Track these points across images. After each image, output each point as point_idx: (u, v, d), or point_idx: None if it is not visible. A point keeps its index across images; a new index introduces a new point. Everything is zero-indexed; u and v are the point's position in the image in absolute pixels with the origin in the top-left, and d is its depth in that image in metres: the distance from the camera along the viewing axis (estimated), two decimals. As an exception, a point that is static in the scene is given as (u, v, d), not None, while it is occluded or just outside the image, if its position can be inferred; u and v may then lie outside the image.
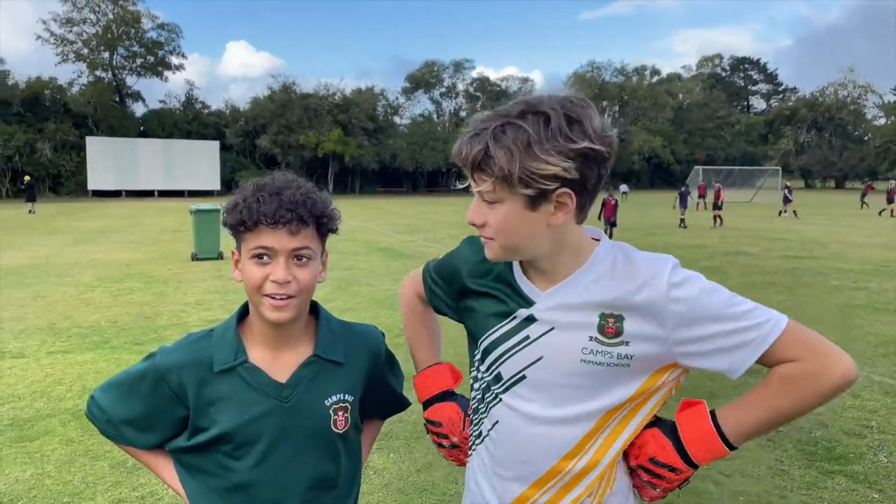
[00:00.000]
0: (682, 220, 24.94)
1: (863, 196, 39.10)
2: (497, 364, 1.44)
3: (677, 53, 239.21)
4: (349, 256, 14.93)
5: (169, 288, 10.96)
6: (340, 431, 1.51)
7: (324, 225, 1.45)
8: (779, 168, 54.65)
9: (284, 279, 1.39)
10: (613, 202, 19.35)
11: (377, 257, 15.05)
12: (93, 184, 51.03)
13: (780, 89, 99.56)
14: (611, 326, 1.33)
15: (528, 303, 1.40)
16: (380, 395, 1.67)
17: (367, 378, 1.59)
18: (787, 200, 29.98)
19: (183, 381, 1.45)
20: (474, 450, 1.56)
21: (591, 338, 1.34)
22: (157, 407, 1.48)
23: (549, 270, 1.39)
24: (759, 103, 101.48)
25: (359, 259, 14.48)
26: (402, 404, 1.77)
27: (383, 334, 1.70)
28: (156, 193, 52.34)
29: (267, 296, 1.40)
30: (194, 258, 14.29)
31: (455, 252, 1.60)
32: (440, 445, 1.68)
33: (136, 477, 4.06)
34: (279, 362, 1.48)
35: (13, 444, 4.59)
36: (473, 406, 1.57)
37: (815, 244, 18.18)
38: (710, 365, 1.33)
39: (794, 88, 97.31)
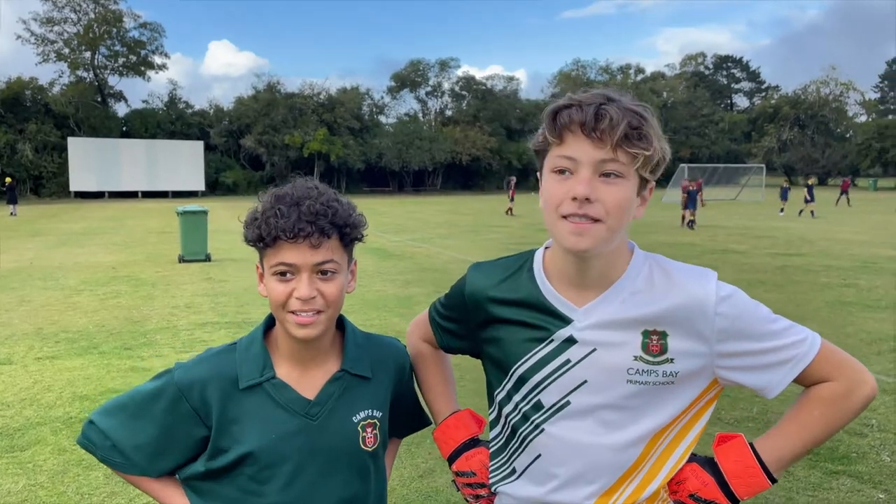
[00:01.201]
0: (692, 221, 23.17)
1: (842, 193, 39.25)
2: (536, 392, 1.36)
3: (660, 52, 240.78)
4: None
5: (157, 291, 10.81)
6: (370, 449, 1.44)
7: (347, 235, 1.37)
8: (762, 166, 55.04)
9: (309, 295, 1.31)
10: None
11: (366, 258, 14.95)
12: (75, 185, 50.39)
13: (763, 87, 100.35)
14: (655, 344, 1.29)
15: (565, 321, 1.33)
16: (405, 411, 1.61)
17: (395, 393, 1.53)
18: (808, 200, 28.59)
19: (206, 397, 1.37)
20: (502, 490, 1.46)
21: (635, 357, 1.29)
22: (174, 428, 1.39)
23: (594, 276, 1.32)
24: (742, 101, 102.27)
25: (348, 260, 14.36)
26: (424, 421, 1.69)
27: (406, 346, 1.63)
28: (139, 194, 51.76)
29: (292, 312, 1.33)
30: (181, 260, 14.13)
31: (465, 283, 1.49)
32: (477, 497, 1.53)
33: (132, 488, 3.93)
34: (306, 378, 1.41)
35: (4, 455, 4.48)
36: (499, 443, 1.47)
37: (803, 241, 18.31)
38: (749, 381, 1.31)
39: (777, 86, 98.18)
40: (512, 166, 65.08)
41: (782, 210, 30.84)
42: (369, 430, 1.44)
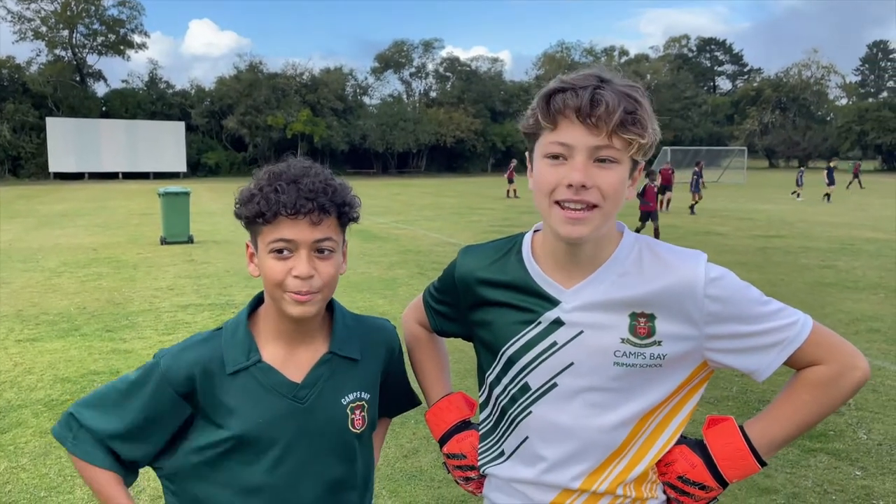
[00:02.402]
0: (694, 205, 22.60)
1: (855, 175, 37.95)
2: (524, 374, 1.36)
3: (643, 34, 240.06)
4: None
5: (139, 273, 10.72)
6: (358, 431, 1.44)
7: (345, 214, 1.38)
8: (744, 148, 55.37)
9: (307, 273, 1.31)
10: (656, 189, 15.64)
11: (351, 240, 14.56)
12: (54, 166, 49.60)
13: (746, 70, 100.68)
14: (643, 327, 1.29)
15: (553, 302, 1.33)
16: (394, 391, 1.60)
17: (384, 374, 1.52)
18: (829, 183, 27.60)
19: (192, 384, 1.35)
20: (491, 472, 1.47)
21: (622, 339, 1.29)
22: (158, 413, 1.37)
23: (583, 259, 1.31)
24: (725, 84, 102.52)
25: (332, 242, 14.30)
26: (413, 401, 1.69)
27: (395, 327, 1.63)
28: (120, 175, 51.10)
29: (288, 291, 1.32)
30: (163, 242, 14.00)
31: (456, 265, 1.49)
32: (468, 479, 1.54)
33: (115, 469, 3.95)
34: (294, 360, 1.40)
35: (-16, 437, 4.45)
36: (488, 425, 1.48)
37: (783, 223, 18.50)
38: (739, 364, 1.31)
39: (760, 69, 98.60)
40: (496, 148, 65.00)
41: (798, 195, 29.20)
42: (358, 412, 1.43)
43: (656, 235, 14.11)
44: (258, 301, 1.45)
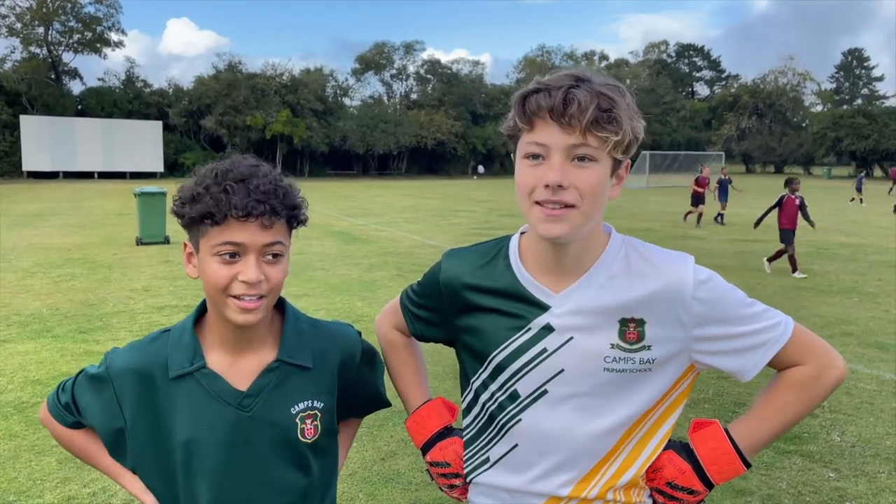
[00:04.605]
0: (721, 215, 20.19)
1: (894, 182, 37.51)
2: (513, 381, 1.34)
3: (623, 38, 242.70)
4: (301, 240, 14.65)
5: (114, 274, 10.57)
6: (309, 440, 1.39)
7: (295, 217, 1.32)
8: (722, 153, 55.95)
9: (257, 279, 1.25)
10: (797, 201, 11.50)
11: (330, 241, 14.83)
12: (28, 165, 48.78)
13: (724, 76, 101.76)
14: (632, 332, 1.28)
15: (542, 308, 1.31)
16: (358, 398, 1.55)
17: (341, 381, 1.46)
18: (859, 188, 27.95)
19: (131, 387, 1.35)
20: (476, 480, 1.45)
21: (612, 345, 1.28)
22: (101, 413, 1.40)
23: (570, 261, 1.30)
24: (703, 90, 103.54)
25: (311, 243, 14.24)
26: (381, 404, 1.63)
27: (359, 333, 1.56)
28: (95, 175, 50.37)
29: (234, 297, 1.26)
30: (139, 243, 13.83)
31: (441, 270, 1.45)
32: (452, 487, 1.52)
33: (86, 473, 3.88)
34: (239, 367, 1.35)
35: (-49, 441, 4.34)
36: (473, 431, 1.46)
37: (760, 228, 18.66)
38: (726, 364, 1.32)
39: (737, 75, 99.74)
40: (477, 151, 65.09)
41: (861, 201, 28.53)
42: (308, 421, 1.38)
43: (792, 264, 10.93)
44: (205, 305, 1.39)
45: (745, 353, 1.30)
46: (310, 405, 1.38)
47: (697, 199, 19.56)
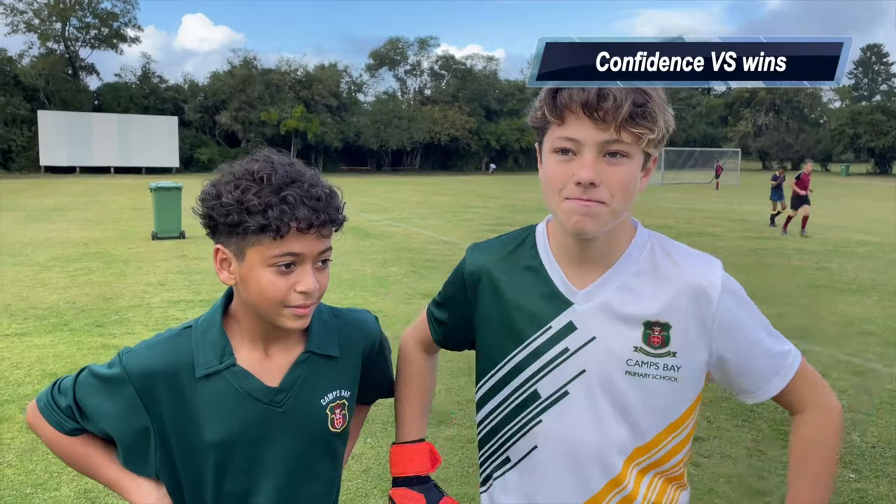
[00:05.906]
0: (775, 215, 18.14)
1: None
2: (533, 381, 1.31)
3: (637, 34, 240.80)
4: (315, 236, 14.68)
5: (129, 268, 10.64)
6: (339, 430, 1.38)
7: (341, 222, 1.29)
8: (738, 150, 55.56)
9: (314, 288, 1.23)
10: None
11: (344, 237, 14.74)
12: (45, 160, 49.31)
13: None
14: (657, 336, 1.24)
15: (566, 303, 1.28)
16: (373, 385, 1.53)
17: (363, 367, 1.46)
18: None
19: (155, 388, 1.27)
20: (494, 479, 1.41)
21: (635, 348, 1.25)
22: (120, 416, 1.30)
23: (595, 255, 1.27)
24: (719, 85, 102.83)
25: (325, 238, 14.24)
26: (390, 392, 1.61)
27: (376, 318, 1.56)
28: (112, 170, 50.83)
29: (290, 306, 1.24)
30: (155, 237, 13.92)
31: (466, 263, 1.43)
32: None
33: (102, 466, 3.90)
34: (270, 363, 1.32)
35: (-30, 433, 4.38)
36: (487, 429, 1.41)
37: (777, 225, 18.51)
38: (736, 381, 1.30)
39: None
40: (490, 147, 64.99)
41: None
42: (338, 411, 1.37)
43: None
44: (228, 299, 1.37)
45: (759, 373, 1.28)
46: (338, 395, 1.37)
47: (801, 201, 16.47)
